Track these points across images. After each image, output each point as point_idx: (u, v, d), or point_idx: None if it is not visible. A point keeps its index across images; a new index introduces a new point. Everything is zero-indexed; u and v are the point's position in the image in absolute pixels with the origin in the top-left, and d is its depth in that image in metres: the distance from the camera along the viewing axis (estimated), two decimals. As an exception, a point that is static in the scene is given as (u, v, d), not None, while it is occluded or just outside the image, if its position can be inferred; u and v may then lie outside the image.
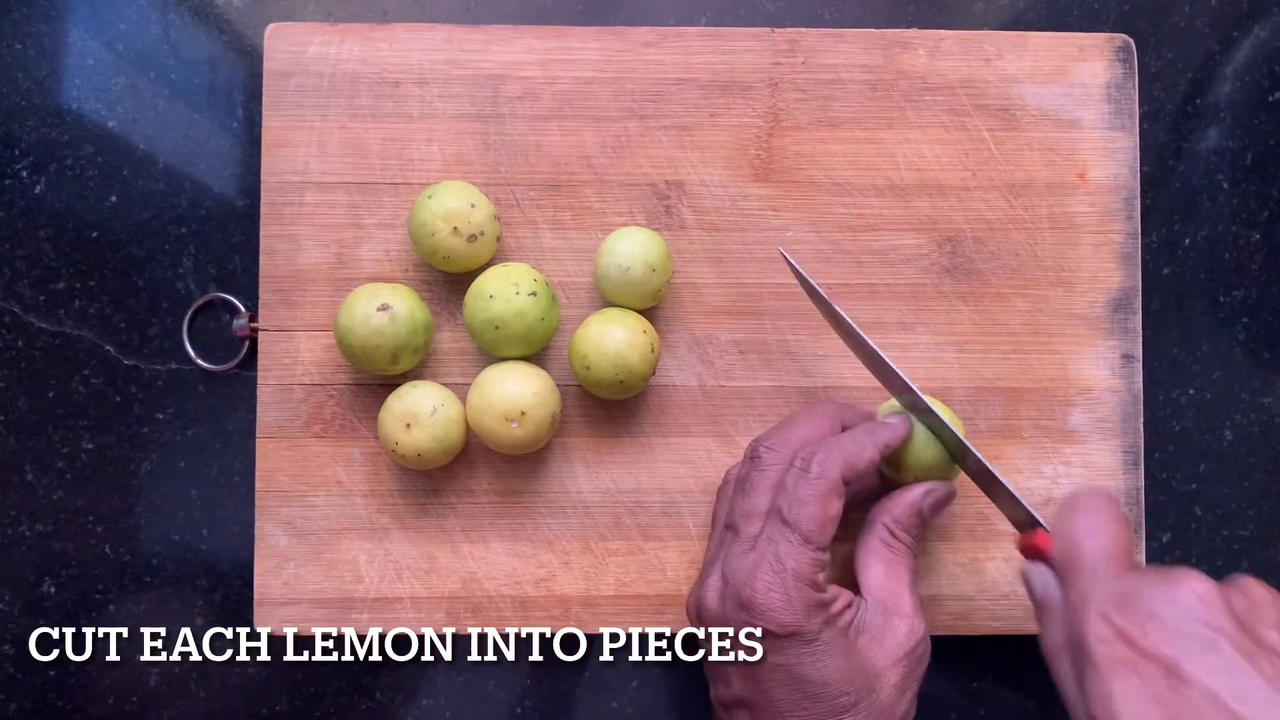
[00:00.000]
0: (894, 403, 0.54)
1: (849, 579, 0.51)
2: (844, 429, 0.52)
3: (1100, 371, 0.58)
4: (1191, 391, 0.61)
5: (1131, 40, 0.59)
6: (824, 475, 0.48)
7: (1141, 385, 0.58)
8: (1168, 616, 0.40)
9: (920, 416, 0.52)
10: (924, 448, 0.52)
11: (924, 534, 0.55)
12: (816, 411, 0.52)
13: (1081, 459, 0.58)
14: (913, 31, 0.59)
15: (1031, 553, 0.48)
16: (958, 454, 0.51)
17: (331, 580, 0.56)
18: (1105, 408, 0.58)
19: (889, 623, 0.48)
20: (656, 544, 0.57)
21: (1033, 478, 0.58)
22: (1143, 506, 0.58)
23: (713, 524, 0.54)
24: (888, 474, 0.54)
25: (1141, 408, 0.58)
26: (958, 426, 0.52)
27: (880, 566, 0.50)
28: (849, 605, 0.48)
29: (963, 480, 0.52)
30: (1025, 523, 0.50)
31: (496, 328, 0.52)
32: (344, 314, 0.53)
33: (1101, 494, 0.47)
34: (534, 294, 0.53)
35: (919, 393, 0.50)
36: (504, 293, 0.52)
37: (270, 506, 0.56)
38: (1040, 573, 0.47)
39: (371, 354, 0.52)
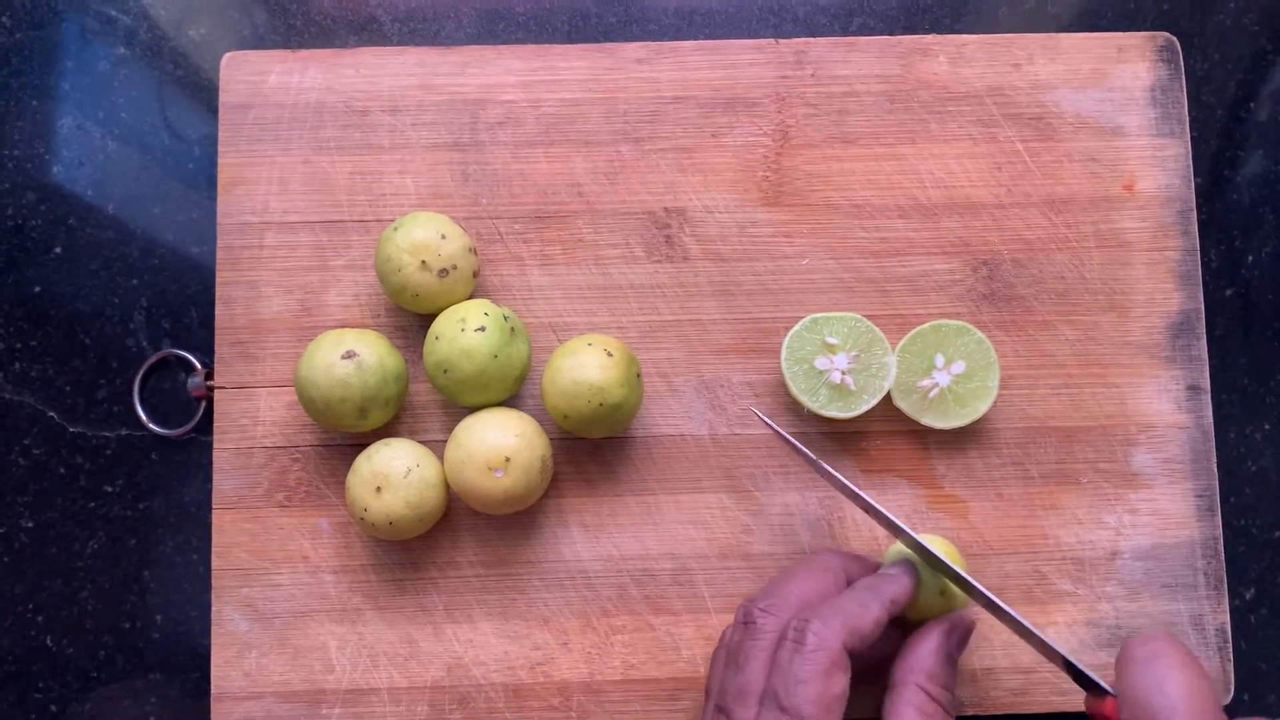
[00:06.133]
0: (902, 546, 0.47)
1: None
2: (849, 582, 0.45)
3: (1164, 405, 0.52)
4: (1267, 427, 0.54)
5: (1175, 39, 0.53)
6: (822, 646, 0.41)
7: (1212, 420, 0.51)
8: None
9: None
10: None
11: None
12: (816, 564, 0.46)
13: (1149, 505, 0.51)
14: (931, 37, 0.54)
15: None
16: (977, 600, 0.45)
17: (298, 670, 0.50)
18: (1172, 446, 0.52)
19: None
20: (668, 618, 0.50)
21: (1094, 529, 0.51)
22: (1222, 558, 0.52)
23: (705, 697, 0.46)
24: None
25: (1213, 445, 0.52)
26: (960, 564, 0.46)
27: None
28: None
29: (1004, 541, 0.46)
30: (1083, 681, 0.44)
31: (445, 371, 0.47)
32: (305, 363, 0.47)
33: (1162, 639, 0.41)
34: (482, 329, 0.47)
35: (914, 535, 0.45)
36: (449, 331, 0.47)
37: (228, 587, 0.50)
38: None
39: (336, 408, 0.47)
